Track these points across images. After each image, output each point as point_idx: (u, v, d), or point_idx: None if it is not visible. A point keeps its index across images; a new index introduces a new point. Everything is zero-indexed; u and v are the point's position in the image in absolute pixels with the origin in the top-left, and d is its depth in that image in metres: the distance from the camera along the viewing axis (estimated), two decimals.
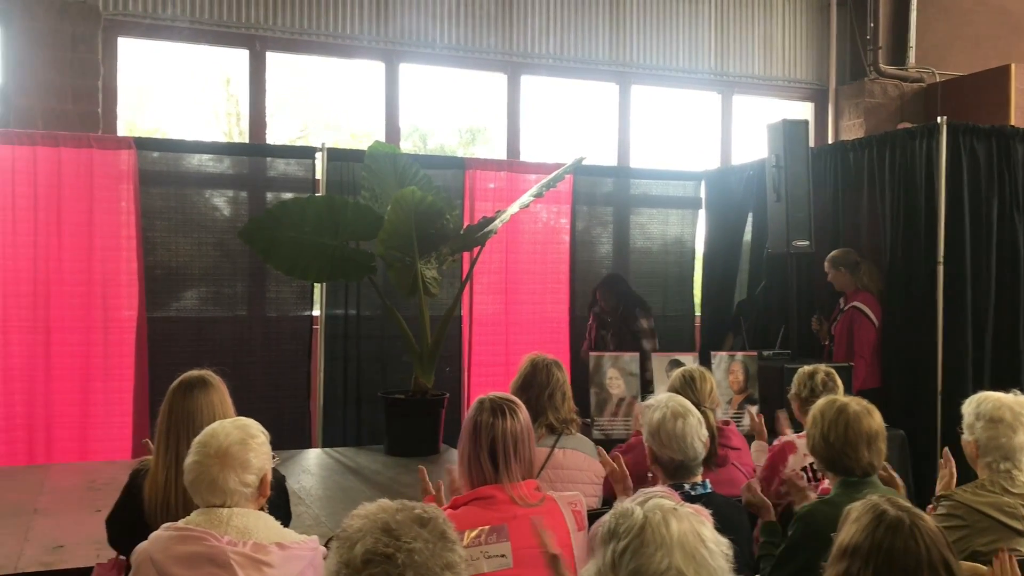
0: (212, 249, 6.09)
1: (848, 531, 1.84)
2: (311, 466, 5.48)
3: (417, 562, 1.47)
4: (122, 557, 2.88)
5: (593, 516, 2.68)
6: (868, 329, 5.72)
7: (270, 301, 6.23)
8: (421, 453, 5.59)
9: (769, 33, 8.33)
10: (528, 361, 3.61)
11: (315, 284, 6.14)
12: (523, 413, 2.58)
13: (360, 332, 6.23)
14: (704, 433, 2.91)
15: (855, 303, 5.78)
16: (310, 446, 6.00)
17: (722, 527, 1.73)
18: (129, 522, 2.72)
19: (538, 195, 5.58)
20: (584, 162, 6.14)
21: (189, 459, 2.25)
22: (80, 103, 6.23)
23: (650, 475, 2.95)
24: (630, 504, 1.65)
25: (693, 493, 2.77)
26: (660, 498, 1.66)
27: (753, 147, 7.79)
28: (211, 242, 6.10)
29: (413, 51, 7.21)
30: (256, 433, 2.32)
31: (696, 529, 1.61)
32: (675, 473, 2.86)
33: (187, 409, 2.66)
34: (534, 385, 3.49)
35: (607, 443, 4.33)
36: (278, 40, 6.89)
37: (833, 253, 5.80)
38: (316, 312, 6.25)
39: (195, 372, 2.80)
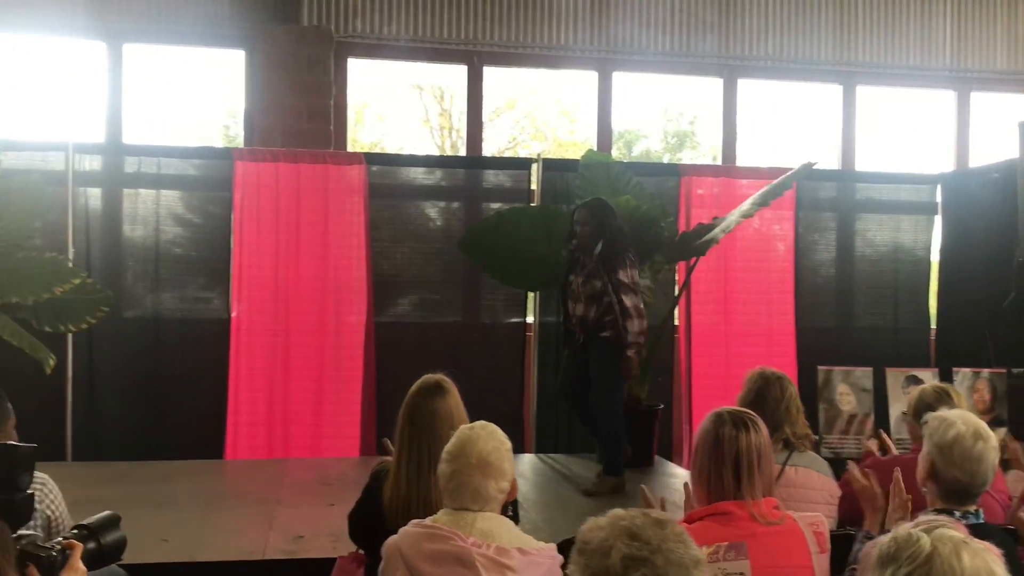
0: (432, 258, 6.34)
1: None
2: (525, 471, 5.55)
3: (673, 561, 1.48)
4: (361, 551, 3.00)
5: (832, 538, 2.54)
6: None
7: (485, 308, 6.39)
8: (635, 464, 5.53)
9: (1013, 24, 7.65)
10: (758, 374, 3.46)
11: (529, 292, 6.22)
12: (764, 427, 2.48)
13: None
14: (996, 462, 2.66)
15: None
16: (523, 451, 6.08)
17: None
18: (370, 519, 2.83)
19: (763, 203, 5.39)
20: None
21: (447, 467, 2.29)
22: (314, 121, 6.64)
23: (925, 489, 2.74)
24: (914, 530, 1.53)
25: (965, 522, 2.55)
26: (948, 528, 1.52)
27: (994, 147, 7.19)
28: (431, 251, 6.35)
29: (626, 59, 7.18)
30: (503, 439, 2.35)
31: (990, 567, 1.46)
32: (954, 496, 2.64)
33: (429, 415, 2.71)
34: (768, 399, 3.33)
35: (836, 462, 4.10)
36: (494, 54, 7.06)
37: None
38: (530, 319, 6.33)
39: (432, 377, 2.86)
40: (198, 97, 7.28)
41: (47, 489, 2.76)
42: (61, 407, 5.66)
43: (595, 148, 6.93)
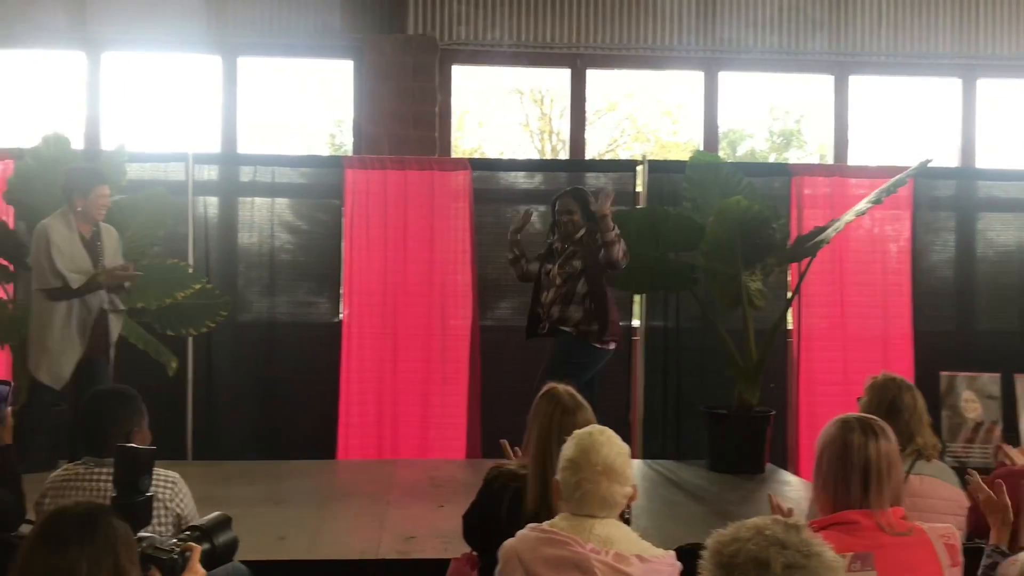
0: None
1: None
2: (633, 477, 5.50)
3: (827, 564, 1.54)
4: (474, 553, 3.02)
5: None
6: None
7: None
8: (745, 471, 5.44)
9: None
10: (888, 381, 3.32)
11: (635, 295, 6.17)
12: (892, 435, 2.39)
13: (680, 344, 6.16)
14: None
15: None
16: (630, 457, 6.01)
17: None
18: (485, 522, 2.84)
19: (877, 201, 5.21)
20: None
21: (571, 475, 2.25)
22: (420, 128, 6.74)
23: None
24: None
25: None
26: None
27: None
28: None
29: (733, 58, 7.05)
30: (622, 443, 2.34)
31: None
32: None
33: (566, 429, 2.66)
34: (903, 407, 3.19)
35: (961, 472, 3.93)
36: (597, 57, 7.03)
37: None
38: (636, 323, 6.27)
39: (562, 389, 2.84)
40: (306, 107, 7.50)
41: (177, 488, 2.86)
42: (182, 407, 5.88)
43: (700, 148, 6.84)
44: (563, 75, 7.17)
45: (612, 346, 4.99)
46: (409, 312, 5.98)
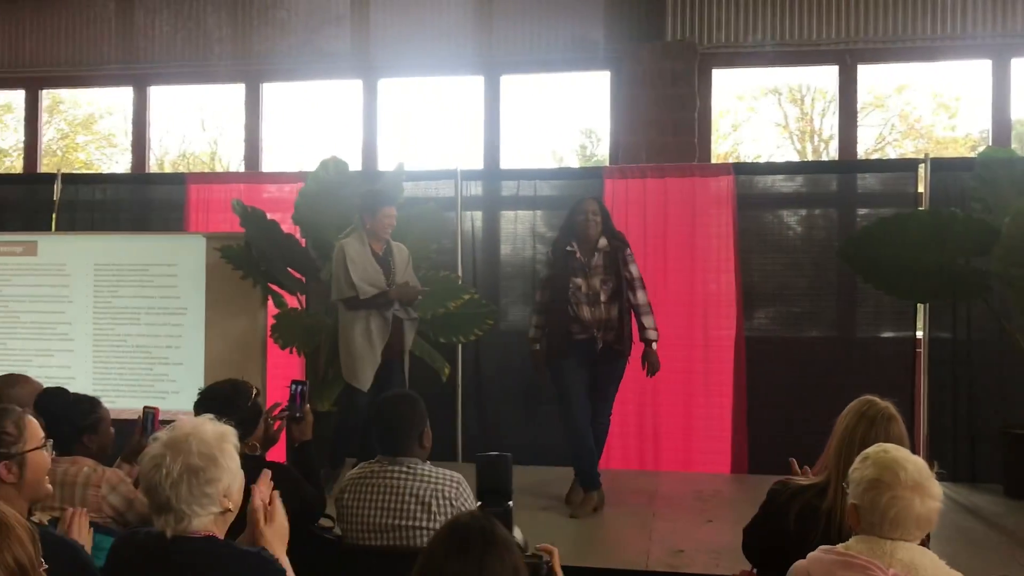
0: (801, 268, 6.05)
1: None
2: None
3: None
4: (753, 571, 2.90)
5: None
6: None
7: (865, 321, 5.96)
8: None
9: None
10: None
11: (918, 304, 5.71)
12: None
13: (971, 358, 5.61)
14: None
15: None
16: None
17: None
18: (767, 536, 2.72)
19: None
20: None
21: (880, 495, 2.11)
22: (679, 135, 6.65)
23: None
24: None
25: None
26: None
27: None
28: (799, 261, 6.07)
29: None
30: (916, 456, 2.18)
31: None
32: None
33: (873, 442, 2.49)
34: None
35: None
36: (868, 51, 6.61)
37: None
38: (919, 335, 5.80)
39: (878, 399, 2.68)
40: (558, 119, 7.63)
41: (462, 488, 2.97)
42: (453, 411, 6.15)
43: (988, 144, 6.25)
44: (827, 72, 6.82)
45: None
46: (671, 322, 5.86)
